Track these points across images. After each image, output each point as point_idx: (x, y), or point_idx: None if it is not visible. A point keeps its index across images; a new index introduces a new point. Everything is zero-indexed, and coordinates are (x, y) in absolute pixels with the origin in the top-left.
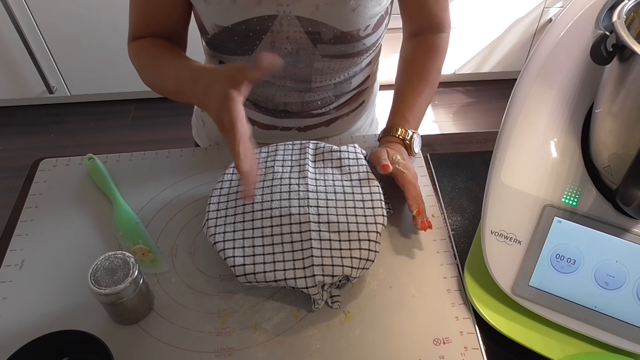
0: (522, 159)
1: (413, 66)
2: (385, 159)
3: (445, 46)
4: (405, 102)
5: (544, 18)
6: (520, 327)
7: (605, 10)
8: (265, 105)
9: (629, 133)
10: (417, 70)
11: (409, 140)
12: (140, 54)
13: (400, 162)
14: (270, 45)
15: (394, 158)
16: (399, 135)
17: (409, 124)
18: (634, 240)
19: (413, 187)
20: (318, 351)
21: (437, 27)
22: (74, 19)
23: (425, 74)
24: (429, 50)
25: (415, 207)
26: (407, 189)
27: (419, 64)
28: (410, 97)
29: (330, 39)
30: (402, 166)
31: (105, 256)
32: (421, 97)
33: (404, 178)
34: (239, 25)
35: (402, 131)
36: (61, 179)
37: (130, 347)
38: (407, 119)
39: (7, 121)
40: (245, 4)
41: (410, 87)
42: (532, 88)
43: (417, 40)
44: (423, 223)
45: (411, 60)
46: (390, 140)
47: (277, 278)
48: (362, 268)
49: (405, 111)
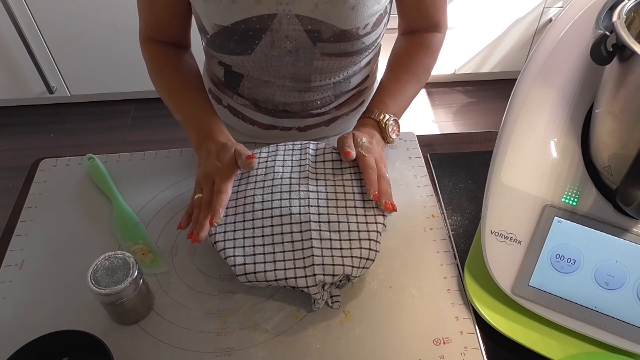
0: (522, 159)
1: (401, 58)
2: (349, 145)
3: (439, 46)
4: (386, 89)
5: (544, 18)
6: (520, 327)
7: (605, 10)
8: (265, 105)
9: (629, 133)
10: (404, 62)
11: (384, 123)
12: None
13: (364, 145)
14: (270, 44)
15: (359, 141)
16: (373, 117)
17: (387, 109)
18: (634, 240)
19: (372, 170)
20: (318, 351)
21: (433, 28)
22: (74, 19)
23: (413, 67)
24: (420, 46)
25: (371, 191)
26: (366, 172)
27: (407, 56)
28: (393, 84)
29: (329, 37)
30: (365, 149)
31: (105, 256)
32: (404, 87)
33: (363, 162)
34: (239, 24)
35: (377, 112)
36: (61, 179)
37: (130, 347)
38: (386, 103)
39: (7, 121)
40: (244, 2)
41: (394, 75)
42: (532, 88)
43: (411, 37)
44: (387, 204)
45: (401, 53)
46: (364, 123)
47: (277, 277)
48: (362, 267)
49: (385, 97)
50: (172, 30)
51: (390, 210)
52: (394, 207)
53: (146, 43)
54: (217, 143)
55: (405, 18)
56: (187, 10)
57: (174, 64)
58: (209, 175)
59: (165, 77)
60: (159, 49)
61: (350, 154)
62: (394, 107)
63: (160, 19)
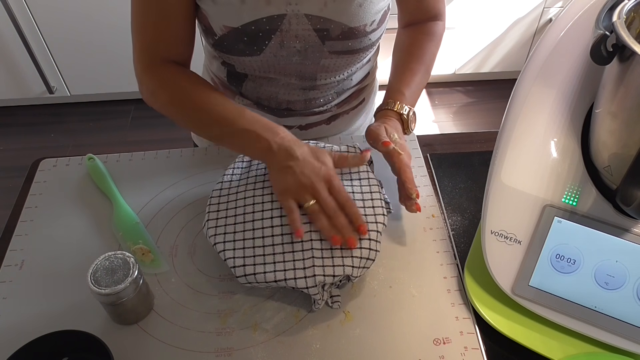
0: (522, 159)
1: (410, 48)
2: (385, 136)
3: (441, 33)
4: (402, 80)
5: (544, 18)
6: (520, 327)
7: (605, 10)
8: (268, 103)
9: (629, 133)
10: (413, 52)
11: (406, 115)
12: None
13: (397, 142)
14: (280, 45)
15: (392, 137)
16: (396, 109)
17: (407, 100)
18: (634, 240)
19: (410, 170)
20: (318, 351)
21: (434, 17)
22: (74, 19)
23: (422, 55)
24: (425, 34)
25: (414, 190)
26: (405, 172)
27: (415, 45)
28: (408, 75)
29: (338, 35)
30: (399, 146)
31: (105, 256)
32: (417, 76)
33: (400, 161)
34: (249, 25)
35: (400, 105)
36: (61, 179)
37: (130, 347)
38: (404, 93)
39: (7, 121)
40: (254, 4)
41: (407, 66)
42: (532, 88)
43: (414, 27)
44: (417, 204)
45: (408, 43)
46: (388, 115)
47: (277, 278)
48: (362, 267)
49: (402, 87)
50: (184, 41)
51: (420, 210)
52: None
53: (150, 68)
54: (308, 146)
55: (407, 11)
56: (195, 15)
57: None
58: (318, 177)
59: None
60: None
61: (390, 144)
62: (410, 97)
63: (172, 28)
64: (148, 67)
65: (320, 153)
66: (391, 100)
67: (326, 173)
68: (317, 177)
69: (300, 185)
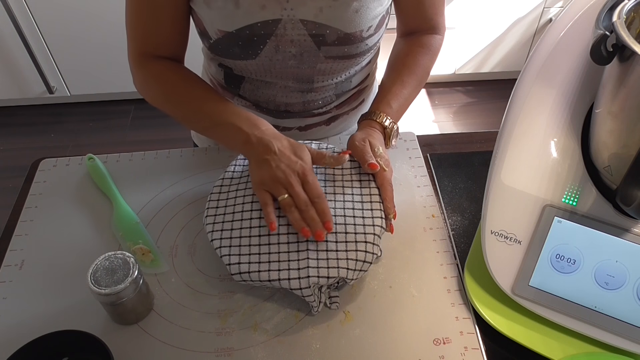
0: (522, 159)
1: (404, 60)
2: (371, 155)
3: (438, 47)
4: (391, 91)
5: (544, 18)
6: (520, 327)
7: (605, 10)
8: (266, 105)
9: (629, 133)
10: (406, 63)
11: (389, 129)
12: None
13: (382, 157)
14: (275, 49)
15: (377, 151)
16: (381, 121)
17: (393, 113)
18: (634, 240)
19: (391, 187)
20: (318, 351)
21: (432, 30)
22: (74, 18)
23: (414, 68)
24: (420, 47)
25: (392, 209)
26: (386, 189)
27: (409, 58)
28: (397, 86)
29: (334, 41)
30: (384, 162)
31: (105, 256)
32: (407, 89)
33: (383, 177)
34: (243, 30)
35: (385, 117)
36: (61, 179)
37: (130, 347)
38: (391, 106)
39: (7, 121)
40: (249, 8)
41: (399, 78)
42: (532, 88)
43: (411, 38)
44: (392, 225)
45: (403, 54)
46: (371, 126)
47: (271, 278)
48: (358, 270)
49: (391, 100)
50: (173, 42)
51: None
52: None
53: (142, 62)
54: (287, 140)
55: (404, 20)
56: (188, 18)
57: (185, 75)
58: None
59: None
60: (163, 64)
61: (377, 167)
62: (397, 110)
63: (161, 30)
64: (140, 61)
65: (299, 148)
66: (378, 112)
67: (301, 168)
68: (292, 172)
69: (274, 178)
